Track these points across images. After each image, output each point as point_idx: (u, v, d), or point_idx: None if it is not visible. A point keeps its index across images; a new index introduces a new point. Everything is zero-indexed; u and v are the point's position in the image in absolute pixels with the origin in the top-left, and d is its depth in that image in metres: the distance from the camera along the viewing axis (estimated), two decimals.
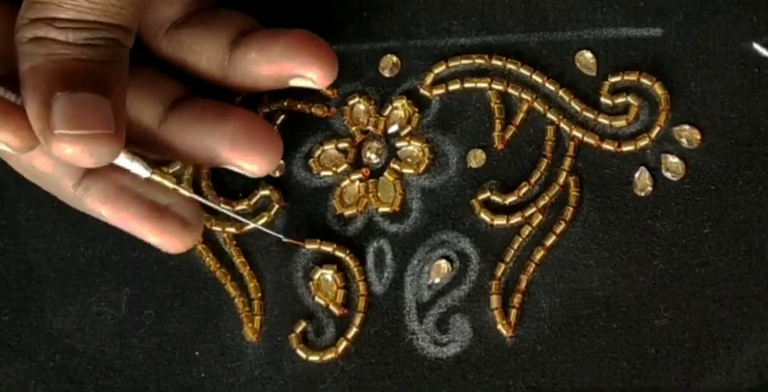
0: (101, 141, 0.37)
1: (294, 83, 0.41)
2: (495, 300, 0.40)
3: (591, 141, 0.41)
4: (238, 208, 0.43)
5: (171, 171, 0.43)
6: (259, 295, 0.42)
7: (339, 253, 0.42)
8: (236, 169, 0.40)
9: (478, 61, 0.42)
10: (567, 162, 0.41)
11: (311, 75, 0.40)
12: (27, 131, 0.37)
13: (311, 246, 0.42)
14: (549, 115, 0.41)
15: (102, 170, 0.39)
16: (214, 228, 0.43)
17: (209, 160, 0.41)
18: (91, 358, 0.43)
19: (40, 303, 0.44)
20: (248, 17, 0.42)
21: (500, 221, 0.41)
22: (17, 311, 0.45)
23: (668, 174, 0.40)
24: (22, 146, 0.38)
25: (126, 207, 0.41)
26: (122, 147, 0.37)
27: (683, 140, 0.40)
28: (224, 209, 0.42)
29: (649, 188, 0.40)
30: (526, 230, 0.40)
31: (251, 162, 0.40)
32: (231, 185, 0.44)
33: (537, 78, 0.41)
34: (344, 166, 0.42)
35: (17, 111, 0.37)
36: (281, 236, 0.42)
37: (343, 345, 0.41)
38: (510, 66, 0.42)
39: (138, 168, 0.39)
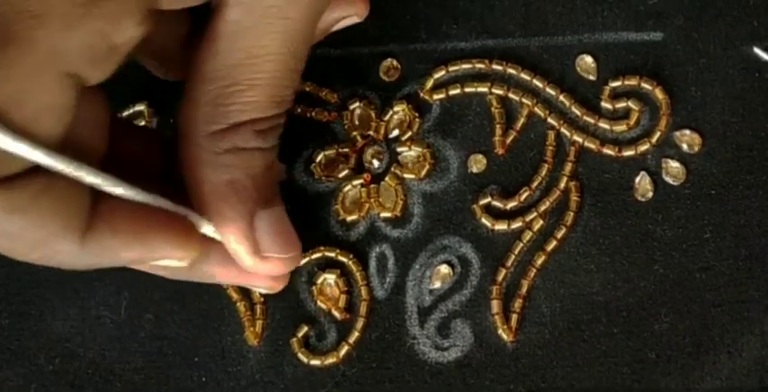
0: (298, 260, 0.38)
1: (339, 26, 0.41)
2: (496, 305, 0.40)
3: (592, 146, 0.41)
4: None
5: None
6: (261, 299, 0.42)
7: (342, 258, 0.42)
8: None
9: (479, 65, 0.42)
10: (568, 167, 0.41)
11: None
12: (195, 243, 0.36)
13: (315, 255, 0.42)
14: (550, 120, 0.41)
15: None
16: None
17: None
18: (91, 362, 0.43)
19: (39, 307, 0.44)
20: None
21: (501, 226, 0.41)
22: (17, 315, 0.44)
23: (669, 179, 0.40)
24: (188, 257, 0.36)
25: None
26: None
27: (684, 145, 0.40)
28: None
29: (650, 193, 0.40)
30: (527, 235, 0.40)
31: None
32: None
33: (537, 83, 0.41)
34: (346, 171, 0.42)
35: (178, 221, 0.35)
36: None
37: (344, 350, 0.41)
38: (510, 70, 0.42)
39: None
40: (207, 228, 0.36)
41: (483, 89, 0.42)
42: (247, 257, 0.37)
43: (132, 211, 0.34)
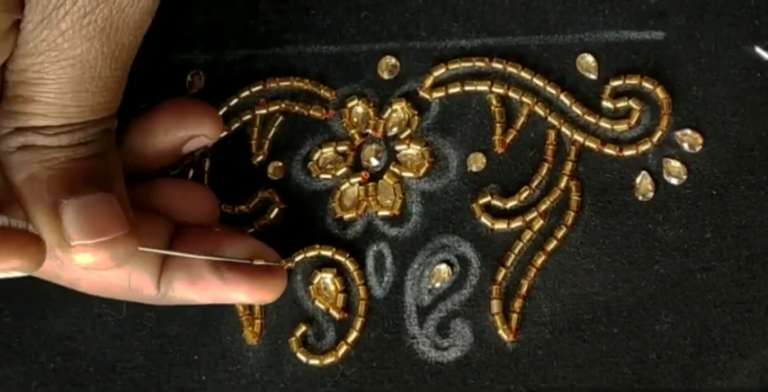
0: (121, 243, 0.36)
1: (189, 146, 0.42)
2: (495, 305, 0.40)
3: (592, 145, 0.40)
4: (237, 210, 0.43)
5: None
6: None
7: (339, 257, 0.42)
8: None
9: (479, 64, 0.42)
10: (569, 166, 0.40)
11: (203, 130, 0.40)
12: (33, 247, 0.36)
13: (310, 254, 0.42)
14: (550, 119, 0.41)
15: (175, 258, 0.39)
16: None
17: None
18: (92, 360, 0.43)
19: (41, 305, 0.44)
20: None
21: (501, 225, 0.40)
22: (18, 313, 0.45)
23: (670, 179, 0.40)
24: (32, 264, 0.36)
25: (212, 280, 0.40)
26: (138, 242, 0.37)
27: (685, 145, 0.40)
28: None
29: (651, 192, 0.40)
30: (527, 235, 0.40)
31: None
32: (230, 188, 0.43)
33: (538, 81, 0.41)
34: (344, 169, 0.42)
35: (12, 231, 0.36)
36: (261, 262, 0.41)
37: (343, 349, 0.41)
38: (511, 69, 0.41)
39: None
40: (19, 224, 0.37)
41: (483, 87, 0.42)
42: (58, 248, 0.36)
43: None
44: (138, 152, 0.41)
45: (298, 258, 0.42)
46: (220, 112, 0.44)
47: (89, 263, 0.36)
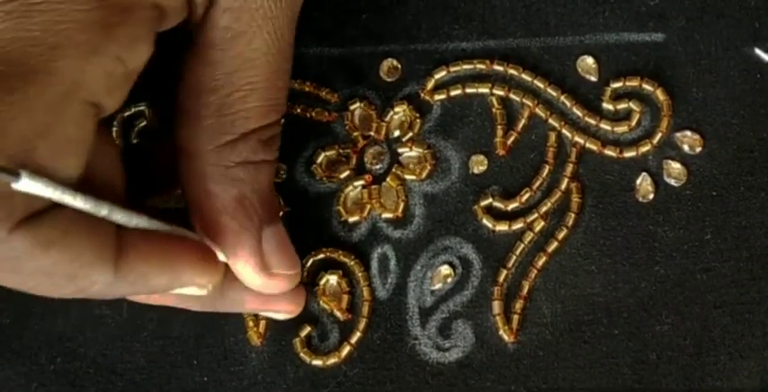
0: (299, 277, 0.38)
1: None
2: (497, 306, 0.40)
3: (593, 147, 0.41)
4: None
5: None
6: None
7: (344, 259, 0.42)
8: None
9: (480, 66, 0.42)
10: (569, 168, 0.41)
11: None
12: (217, 268, 0.36)
13: (319, 257, 0.42)
14: (551, 121, 0.41)
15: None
16: None
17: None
18: (92, 361, 0.43)
19: (41, 306, 0.44)
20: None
21: (502, 227, 0.41)
22: (18, 314, 0.44)
23: (670, 180, 0.40)
24: (211, 282, 0.36)
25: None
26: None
27: (685, 146, 0.40)
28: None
29: (651, 194, 0.40)
30: (528, 236, 0.40)
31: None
32: None
33: (538, 83, 0.41)
34: (347, 172, 0.42)
35: (199, 247, 0.35)
36: None
37: (346, 350, 0.41)
38: (511, 71, 0.42)
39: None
40: (209, 245, 0.36)
41: (484, 90, 0.42)
42: (255, 275, 0.37)
43: (158, 239, 0.34)
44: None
45: (308, 264, 0.42)
46: None
47: (275, 289, 0.37)
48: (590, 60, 0.41)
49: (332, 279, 0.42)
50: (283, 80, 0.37)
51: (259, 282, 0.37)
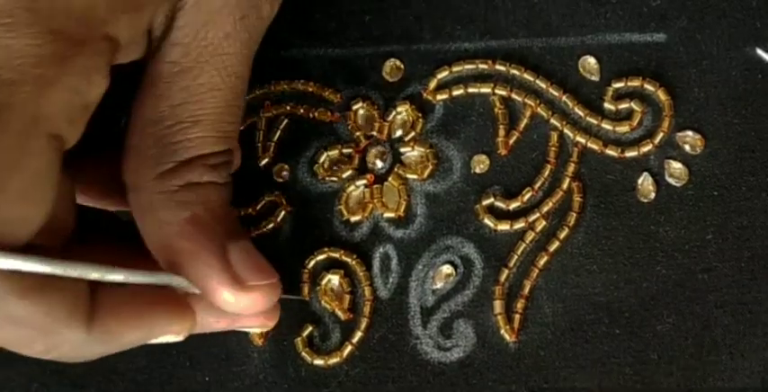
0: (277, 287, 0.37)
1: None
2: (498, 305, 0.40)
3: (594, 147, 0.41)
4: (244, 213, 0.43)
5: None
6: None
7: (346, 259, 0.42)
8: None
9: (482, 66, 0.42)
10: (571, 167, 0.41)
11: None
12: (190, 314, 0.36)
13: (320, 257, 0.42)
14: (553, 121, 0.41)
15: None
16: None
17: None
18: (93, 361, 0.43)
19: None
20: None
21: (504, 227, 0.41)
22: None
23: (671, 180, 0.40)
24: (185, 330, 0.36)
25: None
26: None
27: (687, 146, 0.40)
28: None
29: (652, 194, 0.40)
30: (530, 236, 0.40)
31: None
32: (236, 190, 0.43)
33: (540, 83, 0.41)
34: (349, 172, 0.42)
35: (170, 295, 0.35)
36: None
37: (347, 350, 0.41)
38: (513, 71, 0.42)
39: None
40: (179, 281, 0.36)
41: (486, 90, 0.42)
42: (228, 293, 0.35)
43: (131, 293, 0.34)
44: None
45: (310, 264, 0.42)
46: None
47: (256, 305, 0.36)
48: (592, 60, 0.41)
49: (333, 278, 0.42)
50: (232, 114, 0.37)
51: (233, 299, 0.36)
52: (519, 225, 0.41)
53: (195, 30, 0.35)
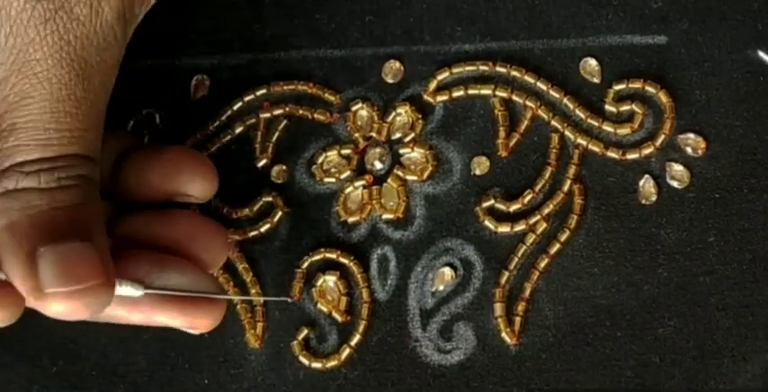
0: (95, 292, 0.35)
1: (179, 200, 0.41)
2: (498, 308, 0.40)
3: (595, 149, 0.40)
4: (240, 214, 0.43)
5: None
6: (261, 301, 0.42)
7: (343, 260, 0.42)
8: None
9: (482, 68, 0.42)
10: (572, 170, 0.40)
11: (192, 191, 0.40)
12: (10, 299, 0.35)
13: (316, 257, 0.42)
14: (554, 122, 0.41)
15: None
16: None
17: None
18: (94, 363, 0.43)
19: None
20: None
21: (504, 229, 0.41)
22: (20, 316, 0.44)
23: (673, 183, 0.40)
24: (7, 316, 0.36)
25: (154, 303, 0.39)
26: (114, 291, 0.36)
27: (688, 148, 0.40)
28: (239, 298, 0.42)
29: (654, 196, 0.40)
30: (530, 238, 0.40)
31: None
32: (234, 191, 0.43)
33: (541, 85, 0.41)
34: (348, 173, 0.42)
35: None
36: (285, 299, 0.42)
37: (346, 352, 0.41)
38: (514, 72, 0.42)
39: (130, 290, 0.38)
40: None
41: (486, 91, 0.42)
42: (31, 300, 0.35)
43: None
44: (133, 191, 0.41)
45: (304, 264, 0.42)
46: (224, 116, 0.44)
47: (62, 312, 0.35)
48: (593, 62, 0.41)
49: (329, 280, 0.41)
50: (57, 121, 0.36)
51: (40, 307, 0.35)
52: (519, 227, 0.40)
53: (2, 40, 0.35)
